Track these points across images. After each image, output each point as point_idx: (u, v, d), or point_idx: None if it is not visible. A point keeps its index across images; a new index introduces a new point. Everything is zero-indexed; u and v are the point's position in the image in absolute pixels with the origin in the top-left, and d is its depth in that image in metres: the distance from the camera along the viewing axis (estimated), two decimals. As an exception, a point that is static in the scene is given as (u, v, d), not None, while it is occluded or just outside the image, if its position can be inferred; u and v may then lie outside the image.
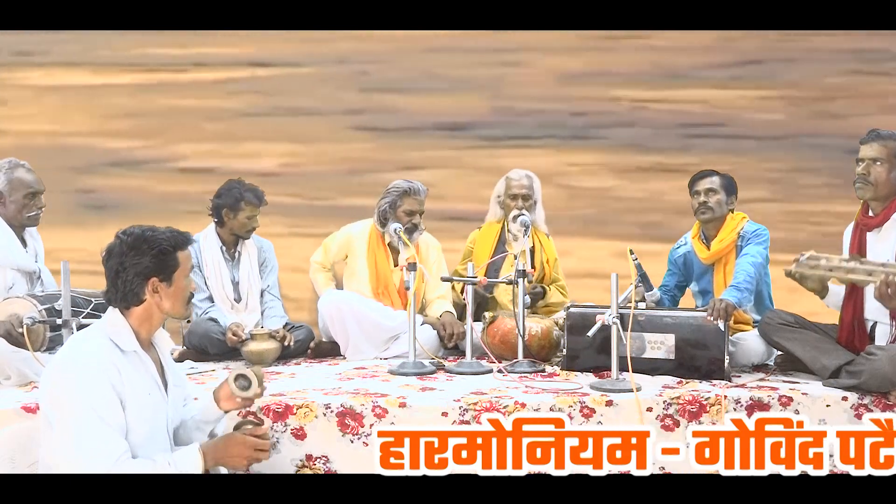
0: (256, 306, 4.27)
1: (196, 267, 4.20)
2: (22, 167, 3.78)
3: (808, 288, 3.32)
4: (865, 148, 3.42)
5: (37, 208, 3.79)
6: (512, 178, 4.45)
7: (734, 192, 3.98)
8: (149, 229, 2.30)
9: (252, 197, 4.21)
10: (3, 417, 2.91)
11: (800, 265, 3.22)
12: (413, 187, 4.28)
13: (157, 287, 2.28)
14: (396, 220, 4.25)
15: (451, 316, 4.22)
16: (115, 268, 2.26)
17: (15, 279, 3.72)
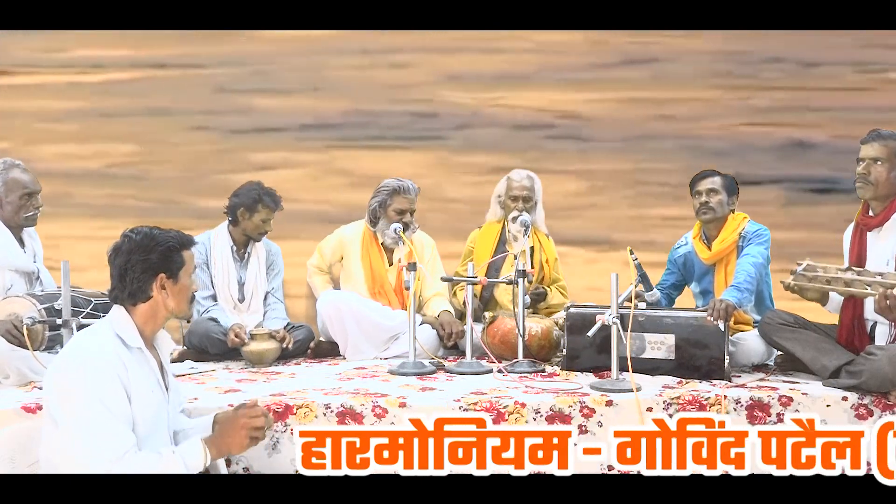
0: (259, 308, 4.28)
1: (204, 264, 4.22)
2: (17, 167, 3.77)
3: (809, 298, 3.33)
4: (866, 147, 3.42)
5: (34, 208, 3.79)
6: (513, 179, 4.45)
7: (735, 191, 3.98)
8: (156, 228, 2.37)
9: (270, 200, 4.22)
10: (3, 417, 2.91)
11: (797, 277, 3.23)
12: (403, 186, 4.28)
13: (165, 283, 2.32)
14: (387, 218, 4.26)
15: (450, 315, 4.23)
16: (122, 265, 2.31)
17: (13, 280, 3.72)
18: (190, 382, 3.47)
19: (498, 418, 3.04)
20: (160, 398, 2.33)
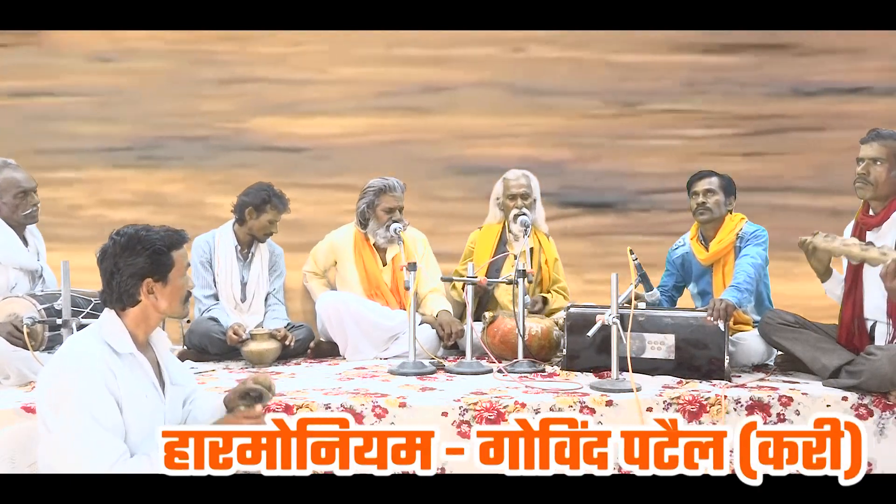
0: (260, 309, 4.28)
1: (207, 262, 4.22)
2: (9, 166, 3.76)
3: (814, 266, 3.34)
4: (865, 147, 3.42)
5: (31, 205, 3.78)
6: (509, 179, 4.44)
7: (733, 192, 3.98)
8: (142, 229, 2.28)
9: (278, 202, 4.23)
10: (3, 417, 2.91)
11: (816, 235, 3.24)
12: (388, 184, 4.28)
13: (153, 287, 2.26)
14: (376, 219, 4.26)
15: (449, 315, 4.22)
16: (109, 269, 2.24)
17: (17, 278, 3.72)
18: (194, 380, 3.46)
19: (498, 418, 3.04)
20: (155, 401, 2.29)
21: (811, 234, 3.28)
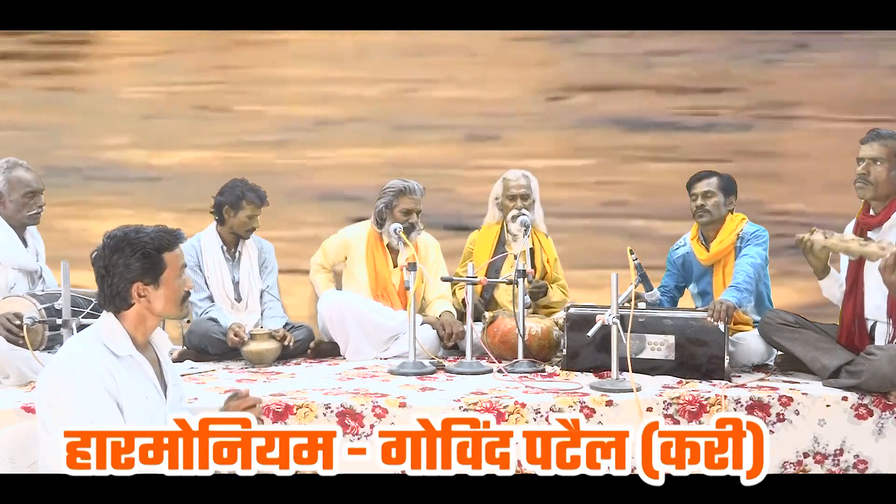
0: (256, 306, 4.28)
1: (197, 266, 4.21)
2: (21, 166, 3.78)
3: (811, 263, 3.33)
4: (865, 147, 3.42)
5: (37, 207, 3.79)
6: (509, 179, 4.44)
7: (733, 192, 3.97)
8: (133, 230, 2.25)
9: (254, 196, 4.21)
10: (3, 417, 2.91)
11: (815, 233, 3.24)
12: (409, 186, 4.28)
13: (144, 291, 2.24)
14: (393, 219, 4.25)
15: (451, 315, 4.22)
16: (100, 272, 2.23)
17: (17, 279, 3.72)
18: (190, 382, 3.46)
19: (498, 418, 3.05)
20: (156, 402, 2.28)
21: (809, 232, 3.28)
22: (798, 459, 3.13)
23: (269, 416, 3.00)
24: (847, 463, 3.13)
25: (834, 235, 3.22)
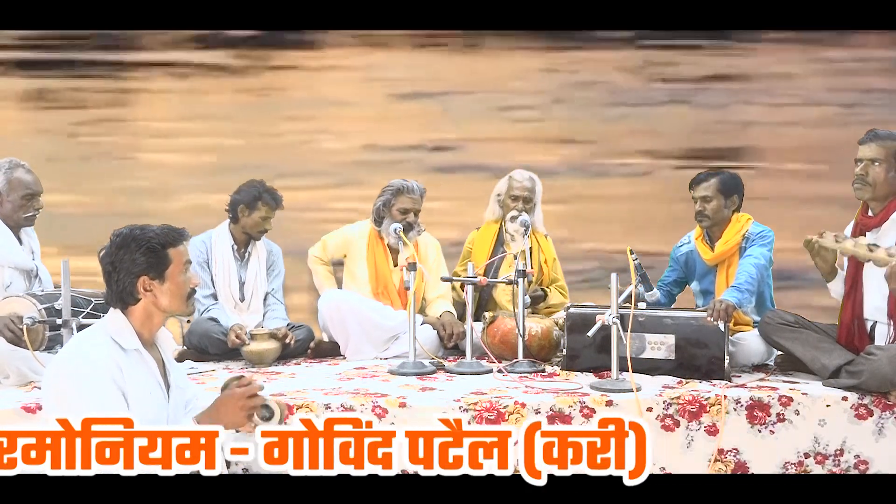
0: (259, 308, 4.27)
1: (205, 263, 4.21)
2: (21, 167, 3.77)
3: (818, 265, 3.33)
4: (864, 148, 3.41)
5: (34, 209, 3.78)
6: (515, 179, 4.43)
7: (735, 192, 3.91)
8: (138, 228, 2.30)
9: (270, 198, 4.22)
10: (4, 417, 2.91)
11: (824, 235, 3.23)
12: (407, 185, 4.28)
13: (150, 285, 2.27)
14: (391, 218, 4.25)
15: (451, 316, 4.22)
16: (107, 268, 2.27)
17: (13, 277, 3.71)
18: (192, 384, 3.46)
19: (498, 418, 3.05)
20: (160, 400, 2.30)
21: (817, 234, 3.27)
22: (799, 460, 3.13)
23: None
24: (848, 463, 3.13)
25: (844, 239, 3.21)
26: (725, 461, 3.11)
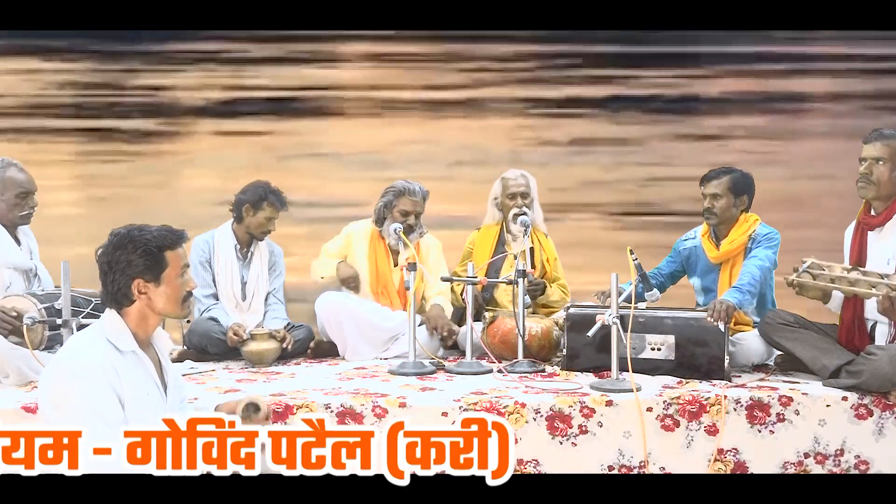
0: (260, 308, 4.27)
1: (207, 262, 4.21)
2: (14, 166, 3.77)
3: (811, 297, 3.31)
4: (868, 147, 3.41)
5: (29, 207, 3.78)
6: (508, 178, 4.43)
7: (745, 191, 3.88)
8: (136, 228, 2.27)
9: (275, 199, 4.22)
10: (4, 417, 2.91)
11: (801, 275, 3.21)
12: (409, 188, 4.27)
13: (144, 287, 2.25)
14: (392, 219, 4.24)
15: (439, 309, 4.19)
16: (103, 268, 2.25)
17: (12, 278, 3.71)
18: (190, 382, 3.46)
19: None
20: (157, 399, 2.30)
21: (794, 272, 3.24)
22: (799, 459, 3.12)
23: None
24: (848, 463, 3.13)
25: (822, 273, 3.18)
26: (725, 461, 3.11)
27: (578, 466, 3.05)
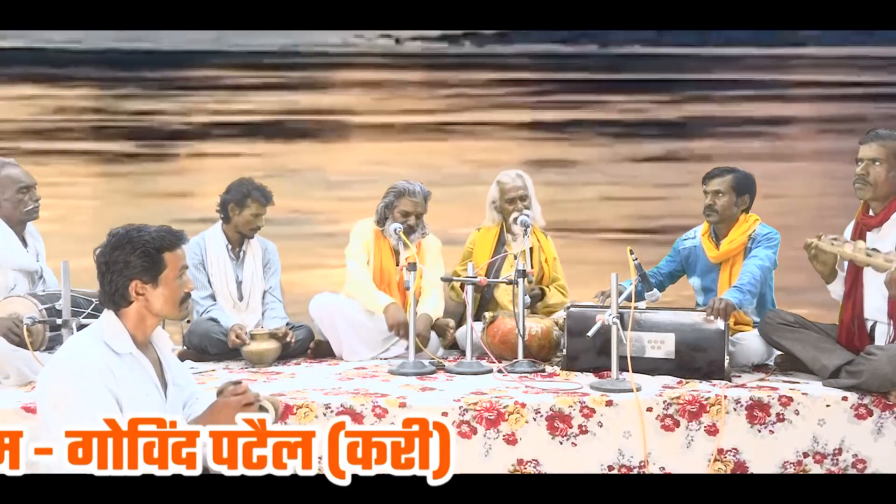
0: (258, 307, 4.27)
1: (200, 264, 4.20)
2: (9, 164, 3.77)
3: (818, 269, 3.32)
4: (864, 148, 3.41)
5: (33, 202, 3.78)
6: (504, 182, 4.41)
7: (747, 191, 3.88)
8: (135, 229, 2.25)
9: (259, 195, 4.21)
10: (3, 417, 2.91)
11: (822, 238, 3.22)
12: (410, 188, 4.26)
13: (142, 289, 2.23)
14: (393, 220, 4.24)
15: (394, 307, 4.04)
16: (101, 268, 2.24)
17: (17, 279, 3.72)
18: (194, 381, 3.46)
19: (498, 419, 3.05)
20: (156, 400, 2.28)
21: (815, 237, 3.27)
22: (798, 459, 3.13)
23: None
24: (846, 462, 3.14)
25: (842, 243, 3.20)
26: (725, 461, 3.12)
27: (578, 466, 3.06)
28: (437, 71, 5.76)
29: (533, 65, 5.71)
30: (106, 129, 5.60)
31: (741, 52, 5.66)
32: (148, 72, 5.58)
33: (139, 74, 5.56)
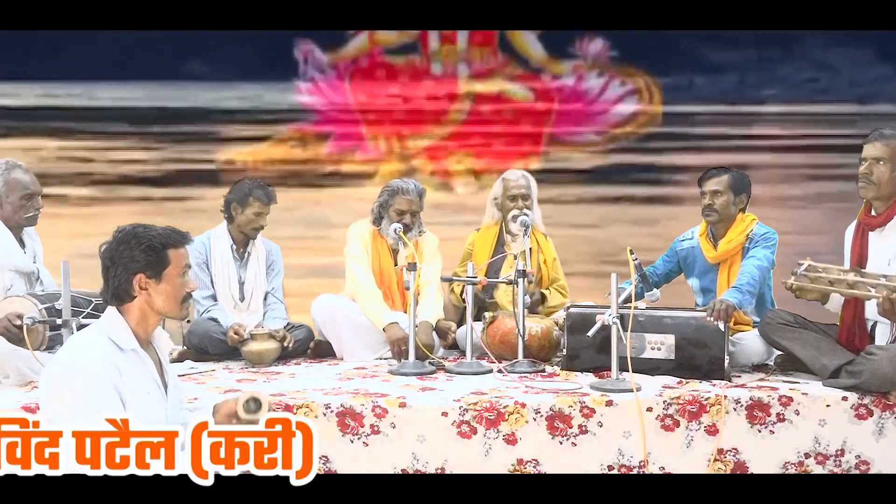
0: (259, 308, 4.27)
1: (204, 263, 4.21)
2: (19, 168, 3.77)
3: (810, 299, 3.32)
4: (868, 147, 3.40)
5: (34, 209, 3.79)
6: (509, 180, 4.43)
7: (744, 191, 3.90)
8: (141, 226, 2.30)
9: (261, 194, 4.21)
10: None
11: (799, 278, 3.22)
12: (403, 186, 4.26)
13: (145, 283, 2.27)
14: (389, 219, 4.24)
15: (395, 327, 4.00)
16: (106, 263, 2.28)
17: (13, 280, 3.72)
18: (190, 382, 3.47)
19: (498, 418, 3.05)
20: (159, 398, 2.31)
21: (792, 276, 3.25)
22: (799, 460, 3.12)
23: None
24: (849, 463, 3.13)
25: (818, 276, 3.19)
26: (725, 461, 3.11)
27: (578, 466, 3.05)
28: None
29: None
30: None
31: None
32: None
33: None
